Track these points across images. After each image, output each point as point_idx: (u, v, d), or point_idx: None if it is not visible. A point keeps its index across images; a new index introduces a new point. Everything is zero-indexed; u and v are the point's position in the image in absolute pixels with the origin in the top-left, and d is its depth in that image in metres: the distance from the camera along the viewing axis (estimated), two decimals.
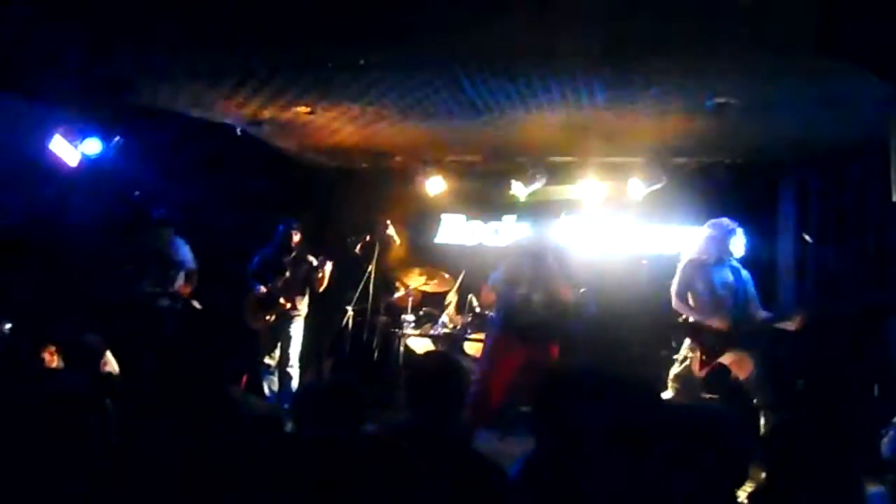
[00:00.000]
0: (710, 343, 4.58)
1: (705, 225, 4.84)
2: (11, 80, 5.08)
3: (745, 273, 4.76)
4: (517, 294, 4.58)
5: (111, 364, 4.30)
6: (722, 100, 4.75)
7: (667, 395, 4.75)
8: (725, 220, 4.79)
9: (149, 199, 6.13)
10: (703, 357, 4.59)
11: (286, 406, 5.77)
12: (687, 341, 4.75)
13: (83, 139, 5.64)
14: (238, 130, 6.15)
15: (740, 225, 4.83)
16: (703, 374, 4.61)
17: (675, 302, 4.76)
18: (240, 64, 4.70)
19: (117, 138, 5.81)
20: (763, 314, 4.68)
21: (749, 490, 2.60)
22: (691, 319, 4.71)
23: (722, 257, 4.70)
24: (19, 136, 5.35)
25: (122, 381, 4.34)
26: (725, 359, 4.57)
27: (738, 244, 4.76)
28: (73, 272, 5.60)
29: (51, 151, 5.45)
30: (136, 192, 6.29)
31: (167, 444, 2.37)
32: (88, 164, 5.70)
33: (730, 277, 4.68)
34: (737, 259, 4.78)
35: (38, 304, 5.20)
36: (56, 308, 5.24)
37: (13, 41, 4.48)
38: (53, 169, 5.53)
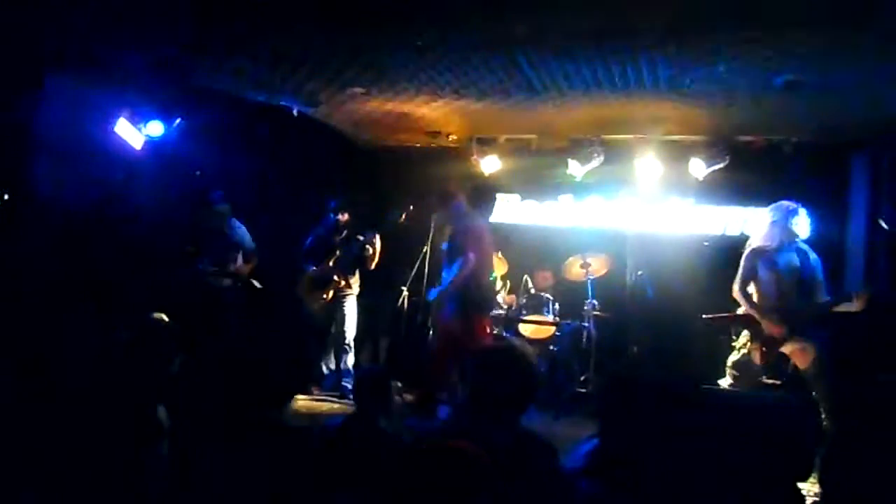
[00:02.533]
0: (766, 335, 4.44)
1: (767, 210, 4.65)
2: (78, 62, 5.22)
3: (813, 256, 4.55)
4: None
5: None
6: (791, 77, 4.54)
7: (725, 381, 4.64)
8: (785, 202, 4.57)
9: (209, 180, 6.27)
10: (764, 349, 4.45)
11: (343, 382, 5.89)
12: (745, 332, 4.61)
13: (146, 122, 5.78)
14: (294, 111, 6.20)
15: (807, 206, 4.61)
16: (763, 362, 4.48)
17: (735, 291, 4.60)
18: (298, 47, 4.72)
19: (178, 120, 5.94)
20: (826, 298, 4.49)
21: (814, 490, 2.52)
22: (742, 311, 4.57)
23: (786, 241, 4.52)
24: (87, 122, 5.51)
25: (186, 360, 4.48)
26: (787, 348, 4.43)
27: (802, 225, 4.53)
28: (142, 252, 5.77)
29: (116, 135, 5.61)
30: (198, 173, 6.44)
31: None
32: (152, 146, 5.85)
33: (795, 261, 4.49)
34: (804, 241, 4.58)
35: (109, 284, 5.39)
36: (126, 288, 5.42)
37: (77, 23, 4.60)
38: (120, 152, 5.69)
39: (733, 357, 4.68)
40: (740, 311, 4.63)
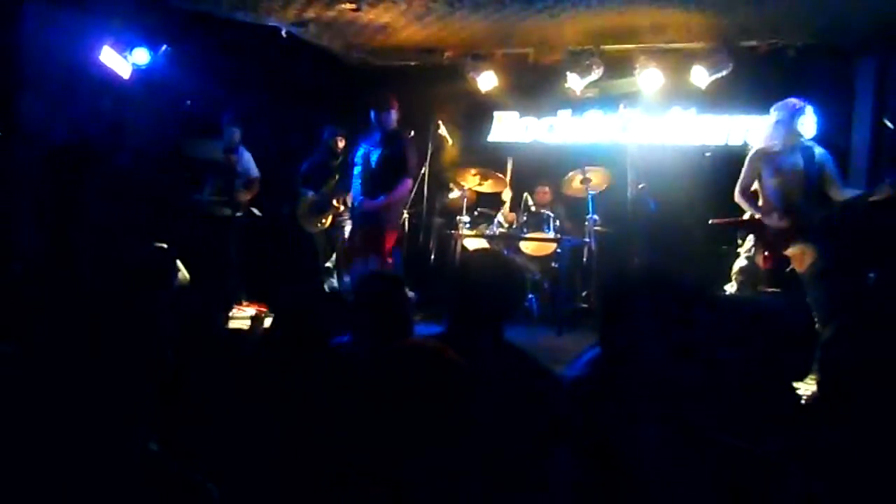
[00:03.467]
0: (771, 239, 4.40)
1: (772, 109, 4.52)
2: None
3: (819, 152, 4.38)
4: None
5: (182, 273, 4.45)
6: None
7: (730, 287, 4.66)
8: (792, 100, 4.40)
9: (203, 107, 6.15)
10: (766, 252, 4.43)
11: None
12: (751, 236, 4.59)
13: (132, 50, 5.62)
14: (283, 32, 6.01)
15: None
16: (767, 266, 4.47)
17: (736, 195, 4.52)
18: None
19: (164, 47, 5.78)
20: (848, 192, 4.35)
21: (807, 392, 2.55)
22: (747, 216, 4.52)
23: (791, 142, 4.38)
24: (72, 51, 5.36)
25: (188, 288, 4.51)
26: (790, 251, 4.40)
27: (808, 124, 4.35)
28: (136, 183, 5.73)
29: (102, 63, 5.47)
30: (188, 102, 6.31)
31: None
32: (140, 74, 5.72)
33: (800, 163, 4.36)
34: (809, 140, 4.41)
35: (106, 216, 5.38)
36: (124, 219, 5.41)
37: None
38: (107, 81, 5.56)
39: (739, 263, 4.68)
40: (746, 216, 4.57)
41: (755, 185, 4.48)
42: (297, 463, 1.42)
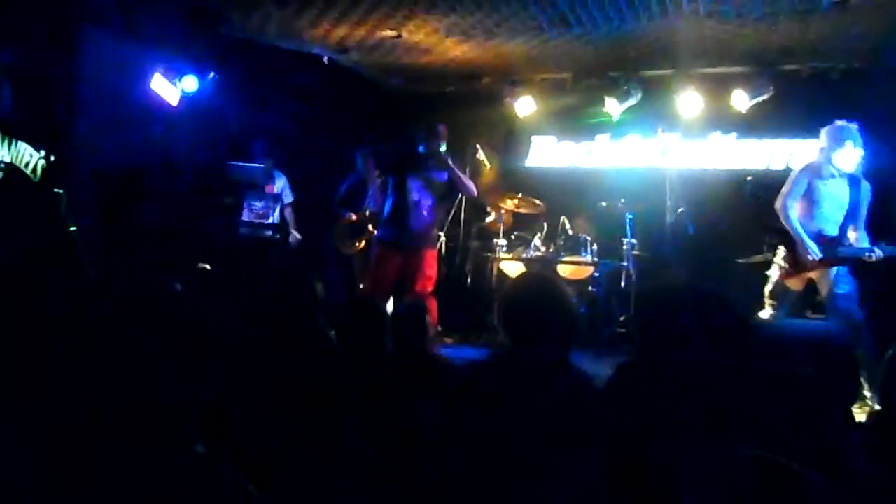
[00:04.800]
0: (800, 258, 4.28)
1: (822, 131, 4.41)
2: (109, 15, 5.25)
3: (865, 187, 4.31)
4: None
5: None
6: None
7: (764, 313, 4.52)
8: (839, 123, 4.30)
9: (246, 133, 6.32)
10: (788, 266, 4.33)
11: None
12: (780, 251, 4.44)
13: (181, 77, 5.82)
14: (325, 59, 6.16)
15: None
16: (793, 284, 4.36)
17: (777, 205, 4.38)
18: None
19: (212, 74, 5.96)
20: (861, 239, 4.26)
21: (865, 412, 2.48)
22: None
23: (837, 169, 4.28)
24: (125, 79, 5.57)
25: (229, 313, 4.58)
26: (814, 274, 4.30)
27: (846, 158, 4.23)
28: (185, 207, 5.88)
29: (153, 91, 5.66)
30: (233, 127, 6.48)
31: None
32: (187, 101, 5.90)
33: (843, 193, 4.28)
34: (861, 170, 4.30)
35: (157, 240, 5.52)
36: (171, 243, 5.54)
37: None
38: (157, 108, 5.75)
39: (768, 287, 4.55)
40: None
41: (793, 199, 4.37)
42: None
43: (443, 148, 5.15)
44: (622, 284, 6.13)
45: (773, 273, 4.50)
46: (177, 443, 1.10)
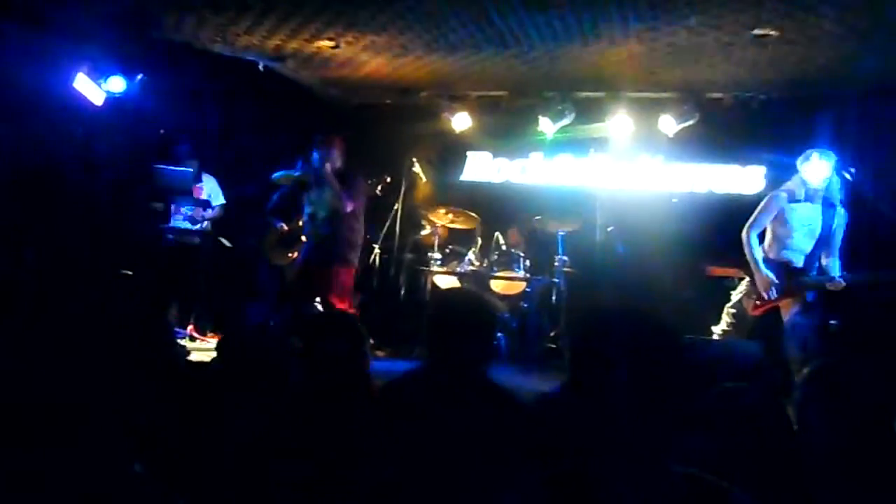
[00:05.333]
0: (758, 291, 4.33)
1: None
2: (35, 14, 5.03)
3: (841, 213, 4.29)
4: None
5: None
6: (763, 31, 4.55)
7: (718, 328, 4.61)
8: (808, 151, 4.33)
9: (173, 137, 6.13)
10: (758, 301, 4.35)
11: None
12: (746, 279, 4.47)
13: (107, 78, 5.61)
14: (260, 66, 6.06)
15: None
16: (756, 313, 4.38)
17: (743, 232, 4.38)
18: None
19: (140, 76, 5.78)
20: (833, 266, 4.28)
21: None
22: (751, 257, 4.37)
23: (808, 193, 4.28)
24: (45, 76, 5.33)
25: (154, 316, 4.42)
26: (780, 302, 4.31)
27: (811, 171, 4.25)
28: (104, 209, 5.66)
29: (75, 90, 5.44)
30: (161, 130, 6.29)
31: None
32: (113, 102, 5.69)
33: (816, 218, 4.26)
34: (839, 196, 4.30)
35: (71, 240, 5.28)
36: (89, 245, 5.32)
37: None
38: (79, 107, 5.52)
39: (730, 305, 4.58)
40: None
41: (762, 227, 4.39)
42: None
43: (337, 162, 5.09)
44: (553, 300, 6.25)
45: (741, 289, 4.51)
46: (112, 459, 1.05)
